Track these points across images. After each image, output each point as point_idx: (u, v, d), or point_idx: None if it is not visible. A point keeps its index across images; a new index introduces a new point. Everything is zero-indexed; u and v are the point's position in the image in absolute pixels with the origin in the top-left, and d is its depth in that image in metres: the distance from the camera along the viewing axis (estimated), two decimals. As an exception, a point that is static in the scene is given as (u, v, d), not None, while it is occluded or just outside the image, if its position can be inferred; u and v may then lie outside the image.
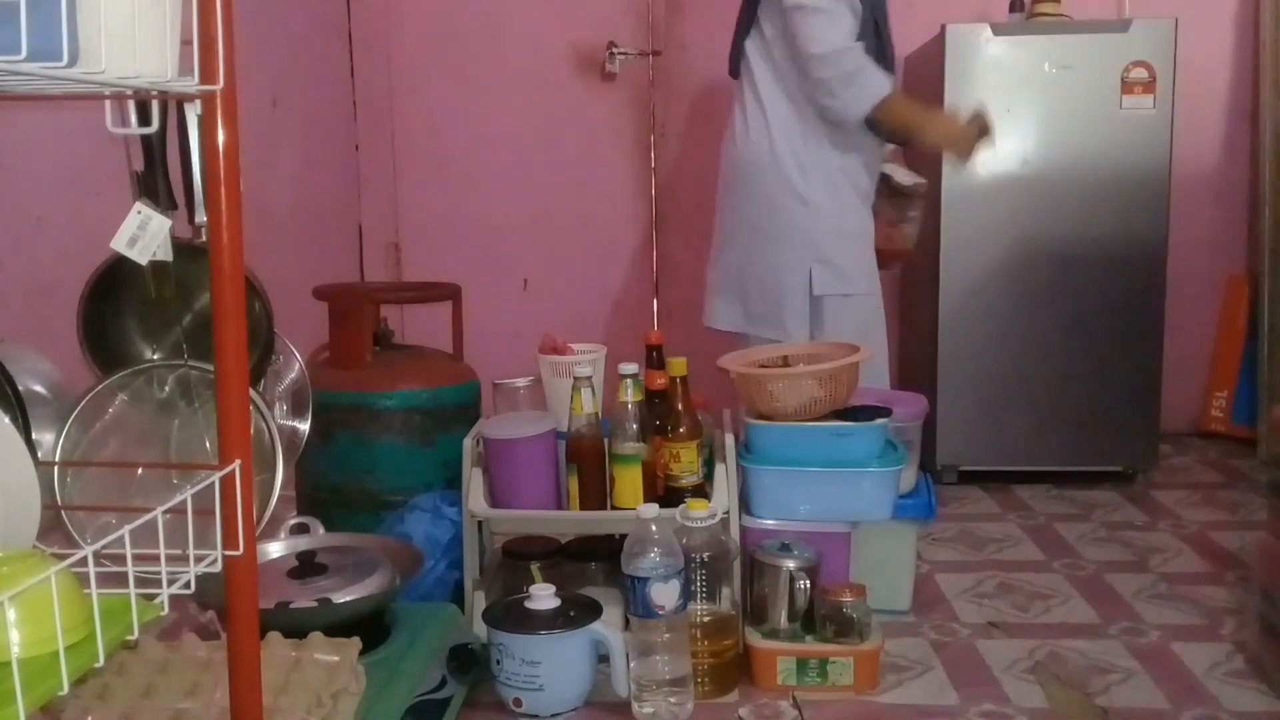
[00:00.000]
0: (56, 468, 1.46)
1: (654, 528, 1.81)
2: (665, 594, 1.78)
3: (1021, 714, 1.84)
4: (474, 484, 2.06)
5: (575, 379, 2.03)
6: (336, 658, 1.48)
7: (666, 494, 2.01)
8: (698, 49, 3.69)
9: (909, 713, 1.86)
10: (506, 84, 3.75)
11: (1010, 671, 2.00)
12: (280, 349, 1.86)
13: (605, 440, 2.02)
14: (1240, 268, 3.75)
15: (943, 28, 3.16)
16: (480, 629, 1.92)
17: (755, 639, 1.95)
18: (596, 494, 2.03)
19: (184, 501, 0.87)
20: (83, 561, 0.78)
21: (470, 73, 3.76)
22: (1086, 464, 3.27)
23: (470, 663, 1.85)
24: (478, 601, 2.02)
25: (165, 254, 1.27)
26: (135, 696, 1.37)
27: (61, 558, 0.81)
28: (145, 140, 1.42)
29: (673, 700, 1.80)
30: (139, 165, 1.44)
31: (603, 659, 1.85)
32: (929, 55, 3.28)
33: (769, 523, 2.10)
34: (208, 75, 0.90)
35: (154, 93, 0.97)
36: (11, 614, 0.77)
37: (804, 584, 1.97)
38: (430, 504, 2.14)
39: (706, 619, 1.91)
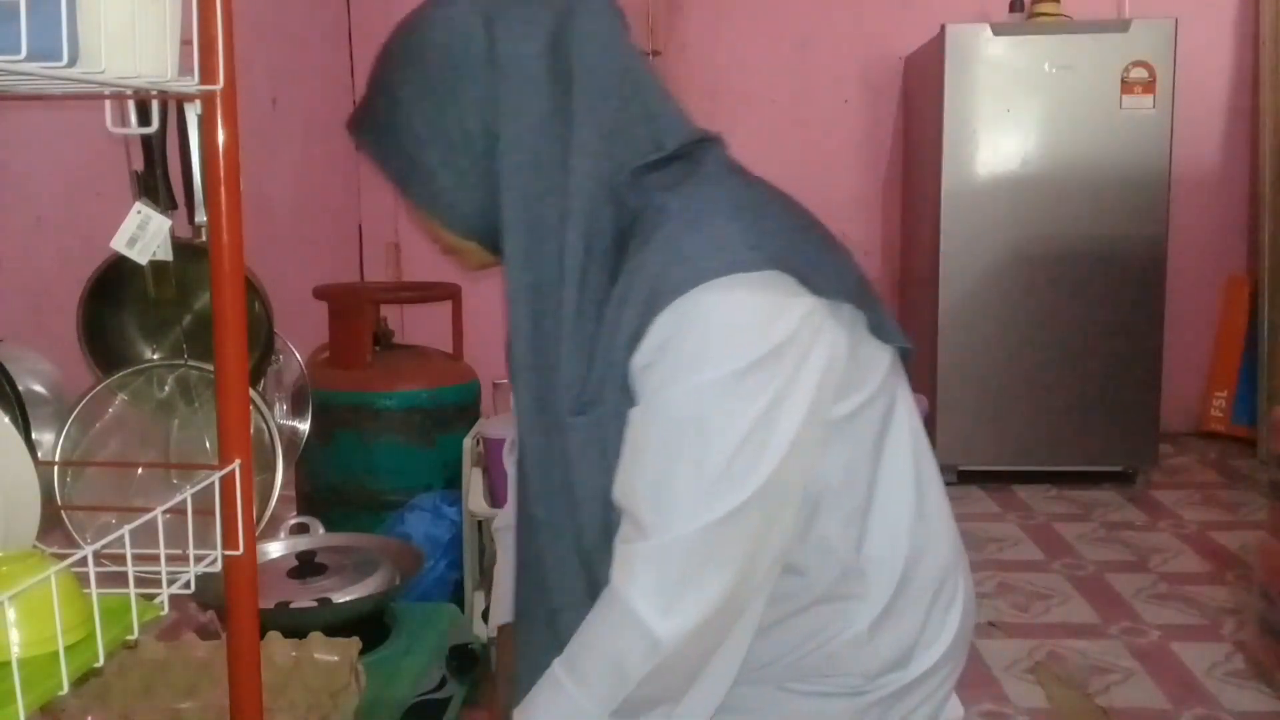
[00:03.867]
0: (56, 468, 1.45)
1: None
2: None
3: (1021, 714, 1.84)
4: (474, 484, 2.06)
5: (575, 379, 2.02)
6: (336, 658, 1.48)
7: (666, 494, 2.01)
8: (698, 49, 3.69)
9: (909, 713, 1.86)
10: (506, 84, 3.74)
11: (1010, 671, 2.00)
12: (280, 349, 1.86)
13: (605, 440, 2.02)
14: (1240, 268, 3.75)
15: (942, 28, 3.16)
16: (480, 629, 1.92)
17: (755, 639, 1.95)
18: (596, 494, 2.03)
19: (184, 501, 0.87)
20: (83, 561, 0.78)
21: (470, 73, 3.75)
22: (1086, 464, 3.27)
23: (470, 663, 1.85)
24: (478, 601, 2.02)
25: (165, 254, 1.26)
26: (135, 696, 1.37)
27: (61, 558, 0.81)
28: (145, 140, 1.42)
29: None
30: (139, 165, 1.44)
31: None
32: (929, 55, 3.28)
33: (769, 523, 2.10)
34: (208, 75, 0.90)
35: (154, 93, 0.96)
36: (11, 614, 0.77)
37: (804, 584, 1.96)
38: (430, 504, 2.14)
39: (706, 619, 1.91)
